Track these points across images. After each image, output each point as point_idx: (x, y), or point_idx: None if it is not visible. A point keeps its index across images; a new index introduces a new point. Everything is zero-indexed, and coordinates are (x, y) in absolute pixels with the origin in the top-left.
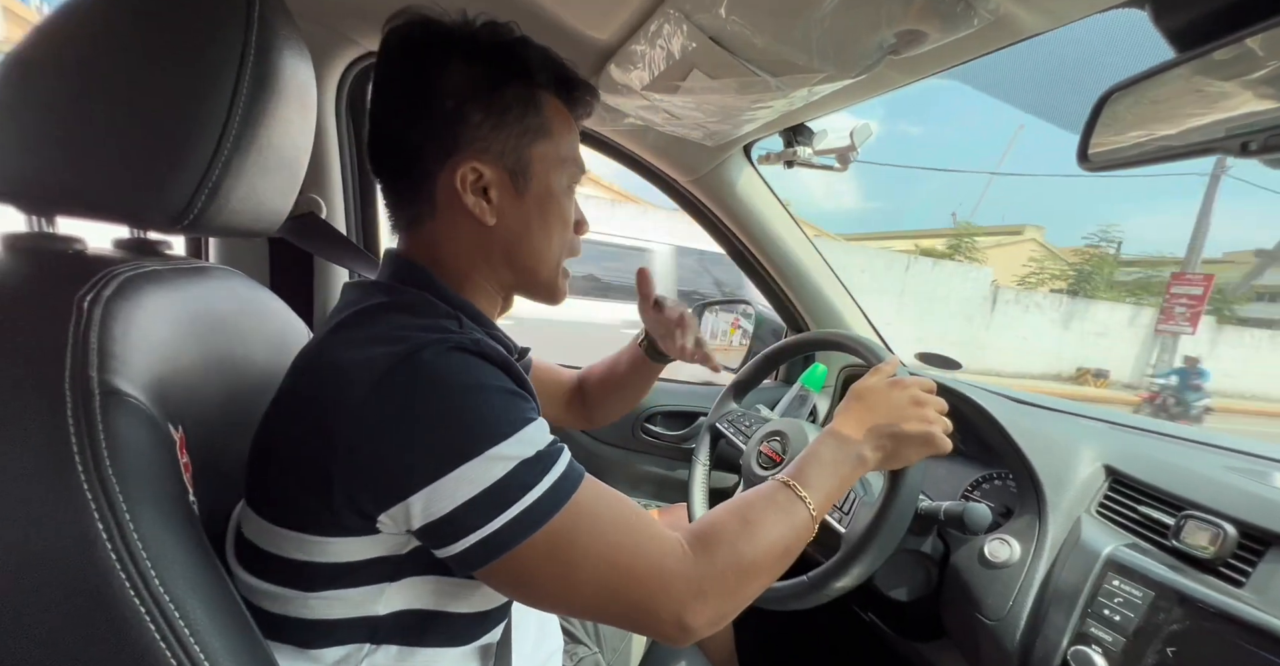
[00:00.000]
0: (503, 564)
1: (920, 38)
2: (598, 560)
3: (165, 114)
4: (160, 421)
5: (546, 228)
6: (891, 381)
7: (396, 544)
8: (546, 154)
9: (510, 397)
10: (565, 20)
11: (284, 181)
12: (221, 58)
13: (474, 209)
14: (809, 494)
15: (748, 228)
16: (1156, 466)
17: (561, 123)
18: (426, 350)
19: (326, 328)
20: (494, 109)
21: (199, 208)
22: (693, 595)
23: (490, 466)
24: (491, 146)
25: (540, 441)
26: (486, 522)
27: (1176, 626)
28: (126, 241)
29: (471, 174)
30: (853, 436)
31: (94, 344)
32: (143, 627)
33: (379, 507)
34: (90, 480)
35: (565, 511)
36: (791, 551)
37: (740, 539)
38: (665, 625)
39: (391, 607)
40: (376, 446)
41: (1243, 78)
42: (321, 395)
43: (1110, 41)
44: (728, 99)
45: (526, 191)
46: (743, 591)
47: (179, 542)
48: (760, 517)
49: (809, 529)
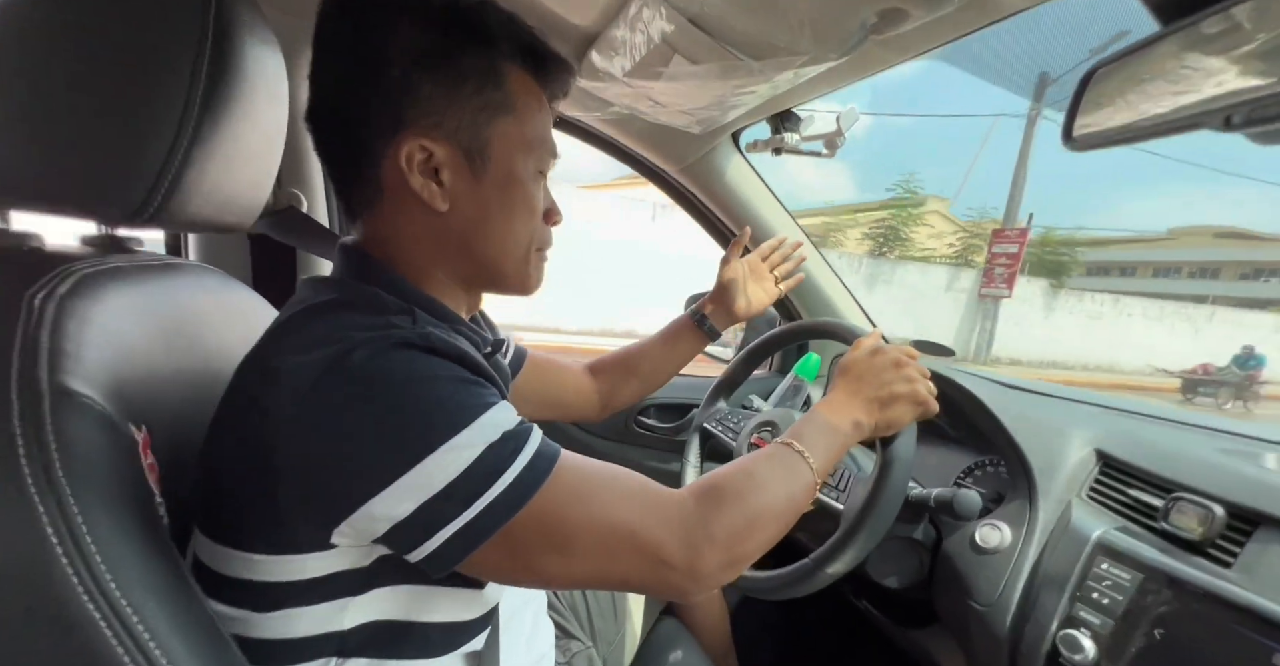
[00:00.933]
0: (487, 553)
1: (901, 16)
2: (595, 526)
3: (120, 104)
4: (119, 421)
5: (509, 215)
6: (871, 351)
7: (357, 556)
8: (509, 133)
9: (463, 385)
10: (544, 5)
11: (255, 175)
12: (178, 46)
13: (422, 192)
14: (810, 453)
15: (738, 216)
16: (1146, 449)
17: (530, 100)
18: (361, 349)
19: (272, 327)
20: (447, 80)
21: (159, 201)
22: (702, 540)
23: (453, 457)
24: (444, 122)
25: (505, 423)
26: (458, 515)
27: (1165, 608)
28: (93, 238)
29: (420, 152)
30: (845, 404)
31: (44, 343)
32: (97, 632)
33: (334, 520)
34: (39, 484)
35: (547, 487)
36: (795, 505)
37: (745, 489)
38: (677, 574)
39: (358, 620)
40: (320, 456)
41: (1229, 52)
42: (259, 404)
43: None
44: (711, 84)
45: (484, 174)
46: (753, 538)
47: (137, 546)
48: (764, 471)
49: (812, 487)
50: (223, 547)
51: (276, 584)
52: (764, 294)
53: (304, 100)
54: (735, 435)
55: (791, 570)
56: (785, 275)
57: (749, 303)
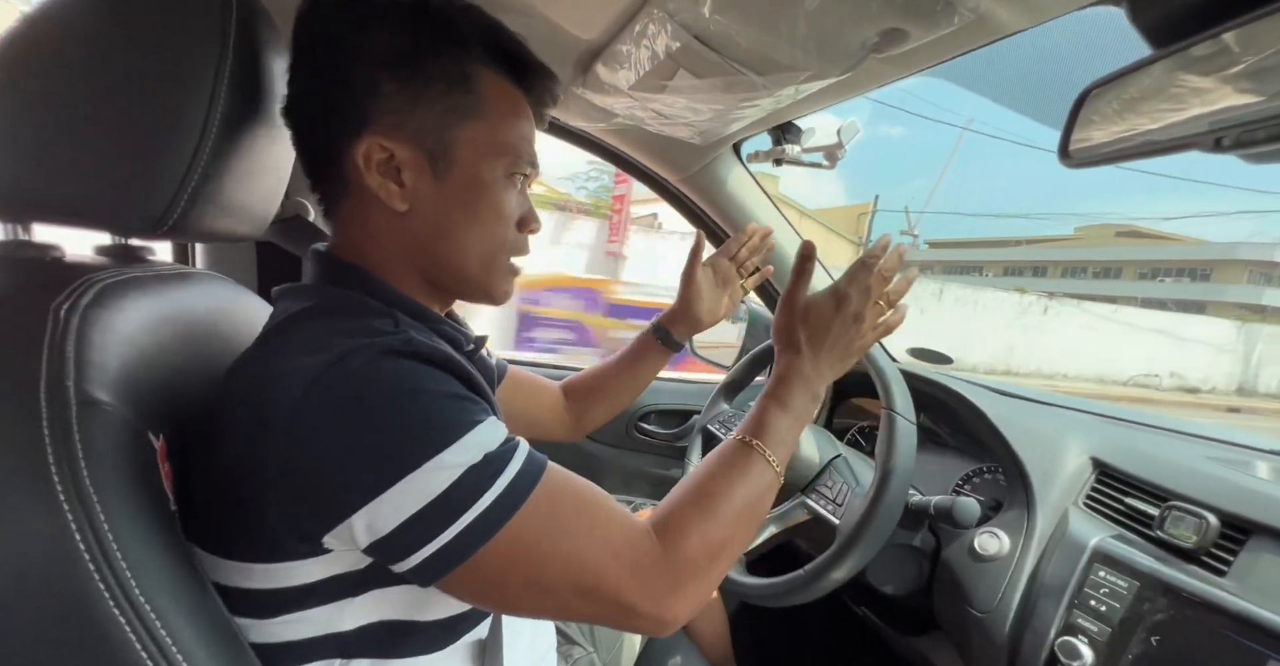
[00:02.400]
0: (462, 574)
1: (902, 36)
2: (565, 561)
3: (142, 119)
4: (139, 429)
5: (473, 220)
6: (834, 298)
7: (351, 560)
8: (477, 137)
9: (451, 401)
10: (551, 20)
11: (267, 185)
12: (198, 63)
13: (380, 191)
14: (770, 449)
15: (739, 225)
16: (1142, 458)
17: (504, 105)
18: (351, 358)
19: (257, 340)
20: (413, 81)
21: (178, 213)
22: (668, 588)
23: (435, 476)
24: (407, 123)
25: (489, 443)
26: (438, 534)
27: (1161, 616)
28: (108, 248)
29: (379, 152)
30: (811, 375)
31: (70, 353)
32: (123, 637)
33: (321, 529)
34: (67, 491)
35: (522, 514)
36: (759, 510)
37: (705, 520)
38: (644, 621)
39: (358, 622)
40: (309, 466)
41: (1220, 73)
42: (247, 414)
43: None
44: (714, 98)
45: (447, 177)
46: (718, 566)
47: (159, 551)
48: (722, 488)
49: (775, 483)
50: (219, 559)
51: (275, 591)
52: (729, 299)
53: None
54: None
55: (790, 578)
56: (754, 269)
57: (713, 309)
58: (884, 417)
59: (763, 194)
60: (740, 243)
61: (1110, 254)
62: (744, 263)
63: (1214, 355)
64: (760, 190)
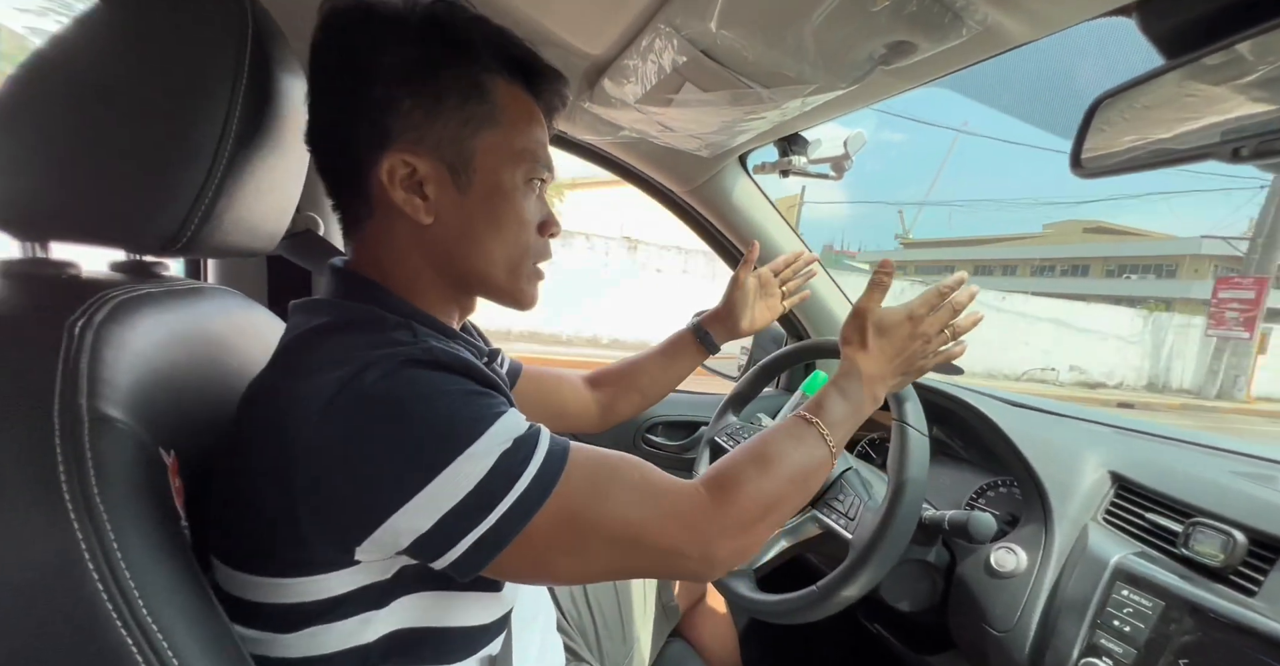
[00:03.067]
0: (509, 555)
1: (910, 48)
2: (611, 522)
3: (158, 140)
4: (151, 446)
5: (496, 227)
6: (909, 318)
7: (379, 569)
8: (495, 145)
9: (472, 397)
10: (559, 35)
11: (279, 202)
12: (215, 82)
13: (405, 206)
14: (828, 429)
15: (745, 237)
16: (1163, 472)
17: (517, 111)
18: (371, 370)
19: (273, 357)
20: (427, 95)
21: (191, 230)
22: (715, 532)
23: (469, 468)
24: (426, 137)
25: (516, 428)
26: (479, 522)
27: (1188, 637)
28: (123, 264)
29: (402, 167)
30: (875, 376)
31: (84, 369)
32: (128, 653)
33: (357, 538)
34: (77, 507)
35: (561, 486)
36: (811, 481)
37: (757, 475)
38: (691, 562)
39: (380, 633)
40: (339, 477)
41: (1234, 82)
42: (271, 431)
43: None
44: (721, 110)
45: (470, 187)
46: (765, 522)
47: (167, 568)
48: (779, 452)
49: (828, 463)
50: (244, 574)
51: (300, 605)
52: (768, 310)
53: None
54: None
55: (802, 595)
56: (793, 291)
57: (753, 319)
58: (895, 429)
59: (769, 205)
60: (788, 262)
61: (1076, 251)
62: (787, 281)
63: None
64: (767, 201)
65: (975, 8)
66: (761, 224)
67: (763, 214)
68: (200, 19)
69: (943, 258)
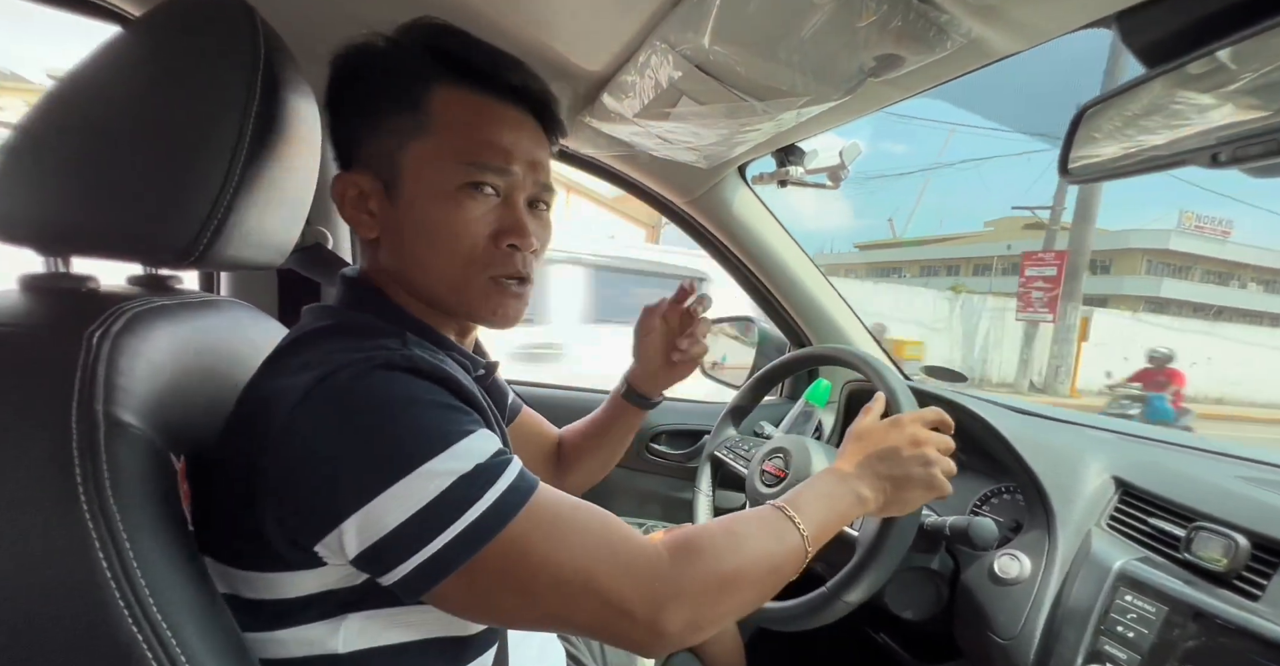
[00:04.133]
0: (451, 586)
1: (898, 61)
2: (559, 569)
3: (174, 157)
4: (163, 451)
5: (429, 238)
6: (890, 422)
7: (346, 575)
8: (424, 153)
9: (444, 411)
10: (558, 53)
11: (289, 216)
12: (228, 102)
13: (353, 223)
14: (801, 518)
15: (745, 246)
16: (1166, 477)
17: (457, 115)
18: (344, 371)
19: (270, 355)
20: (369, 117)
21: (205, 244)
22: (668, 596)
23: (423, 484)
24: (368, 156)
25: (480, 454)
26: (425, 545)
27: (1192, 642)
28: (139, 278)
29: (352, 188)
30: (851, 474)
31: (101, 377)
32: (140, 653)
33: (313, 538)
34: (92, 509)
35: (515, 524)
36: (780, 571)
37: (723, 547)
38: (638, 629)
39: (351, 646)
40: (301, 475)
41: (1216, 90)
42: (248, 427)
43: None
44: (717, 123)
45: (399, 199)
46: (725, 601)
47: (176, 570)
48: (747, 531)
49: (801, 554)
50: (226, 567)
51: (275, 601)
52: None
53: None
54: (747, 462)
55: (809, 599)
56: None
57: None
58: None
59: (768, 214)
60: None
61: (1010, 249)
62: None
63: (928, 335)
64: (766, 210)
65: (959, 22)
66: (761, 233)
67: (762, 224)
68: (214, 43)
69: (892, 259)
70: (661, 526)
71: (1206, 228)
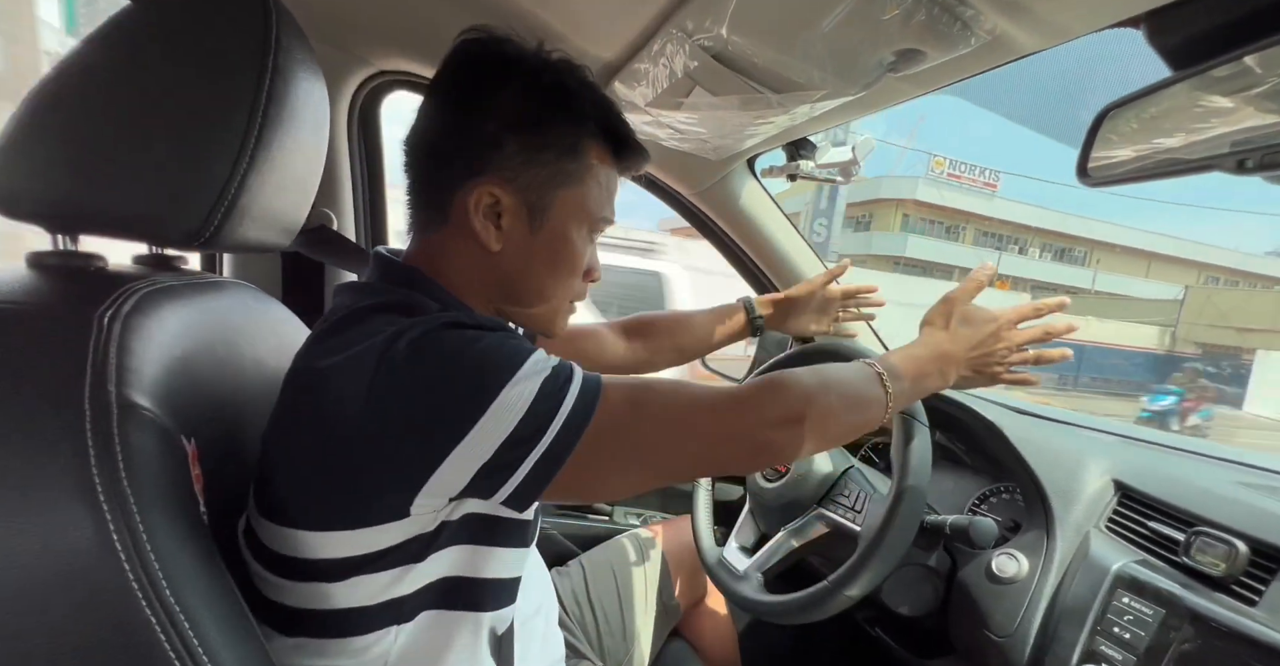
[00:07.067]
0: (565, 475)
1: (919, 56)
2: (656, 427)
3: (185, 137)
4: (174, 434)
5: (553, 269)
6: (996, 318)
7: (425, 522)
8: (572, 200)
9: (507, 337)
10: (571, 39)
11: (297, 198)
12: (241, 82)
13: (481, 231)
14: (890, 381)
15: (752, 239)
16: (1166, 481)
17: (601, 175)
18: (411, 330)
19: (315, 333)
20: (532, 144)
21: (215, 225)
22: (763, 415)
23: (515, 393)
24: (518, 178)
25: (549, 361)
26: (535, 445)
27: (1188, 645)
28: (145, 258)
29: (488, 198)
30: (947, 354)
31: (113, 359)
32: (153, 636)
33: (419, 482)
34: (107, 491)
35: (604, 401)
36: (863, 409)
37: (812, 382)
38: (742, 445)
39: (417, 585)
40: (396, 427)
41: (1241, 94)
42: (321, 404)
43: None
44: (730, 115)
45: (540, 229)
46: (813, 422)
47: (190, 553)
48: (837, 373)
49: (882, 410)
50: (289, 530)
51: (347, 558)
52: (815, 324)
53: (341, 125)
54: None
55: (810, 593)
56: (848, 319)
57: (799, 325)
58: (896, 420)
59: (776, 207)
60: (860, 289)
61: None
62: (845, 307)
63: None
64: (774, 204)
65: (984, 17)
66: (768, 226)
67: (769, 217)
68: (226, 22)
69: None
70: (660, 517)
71: (964, 177)
